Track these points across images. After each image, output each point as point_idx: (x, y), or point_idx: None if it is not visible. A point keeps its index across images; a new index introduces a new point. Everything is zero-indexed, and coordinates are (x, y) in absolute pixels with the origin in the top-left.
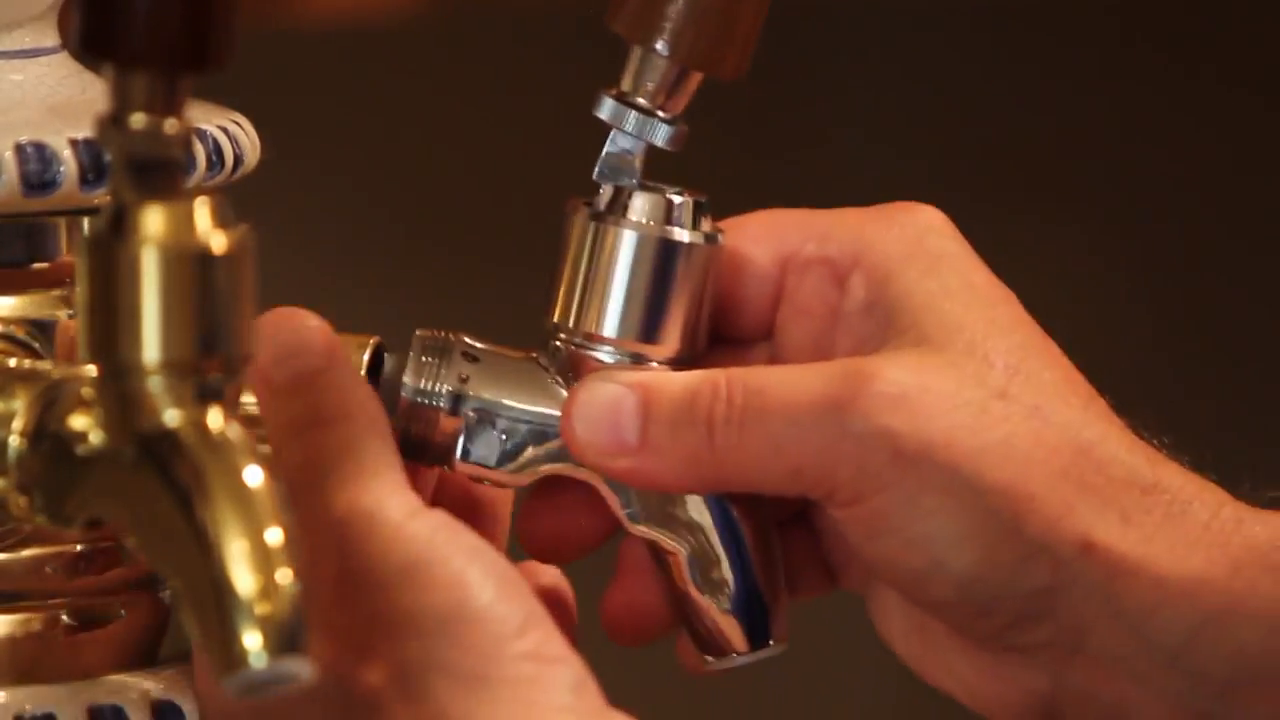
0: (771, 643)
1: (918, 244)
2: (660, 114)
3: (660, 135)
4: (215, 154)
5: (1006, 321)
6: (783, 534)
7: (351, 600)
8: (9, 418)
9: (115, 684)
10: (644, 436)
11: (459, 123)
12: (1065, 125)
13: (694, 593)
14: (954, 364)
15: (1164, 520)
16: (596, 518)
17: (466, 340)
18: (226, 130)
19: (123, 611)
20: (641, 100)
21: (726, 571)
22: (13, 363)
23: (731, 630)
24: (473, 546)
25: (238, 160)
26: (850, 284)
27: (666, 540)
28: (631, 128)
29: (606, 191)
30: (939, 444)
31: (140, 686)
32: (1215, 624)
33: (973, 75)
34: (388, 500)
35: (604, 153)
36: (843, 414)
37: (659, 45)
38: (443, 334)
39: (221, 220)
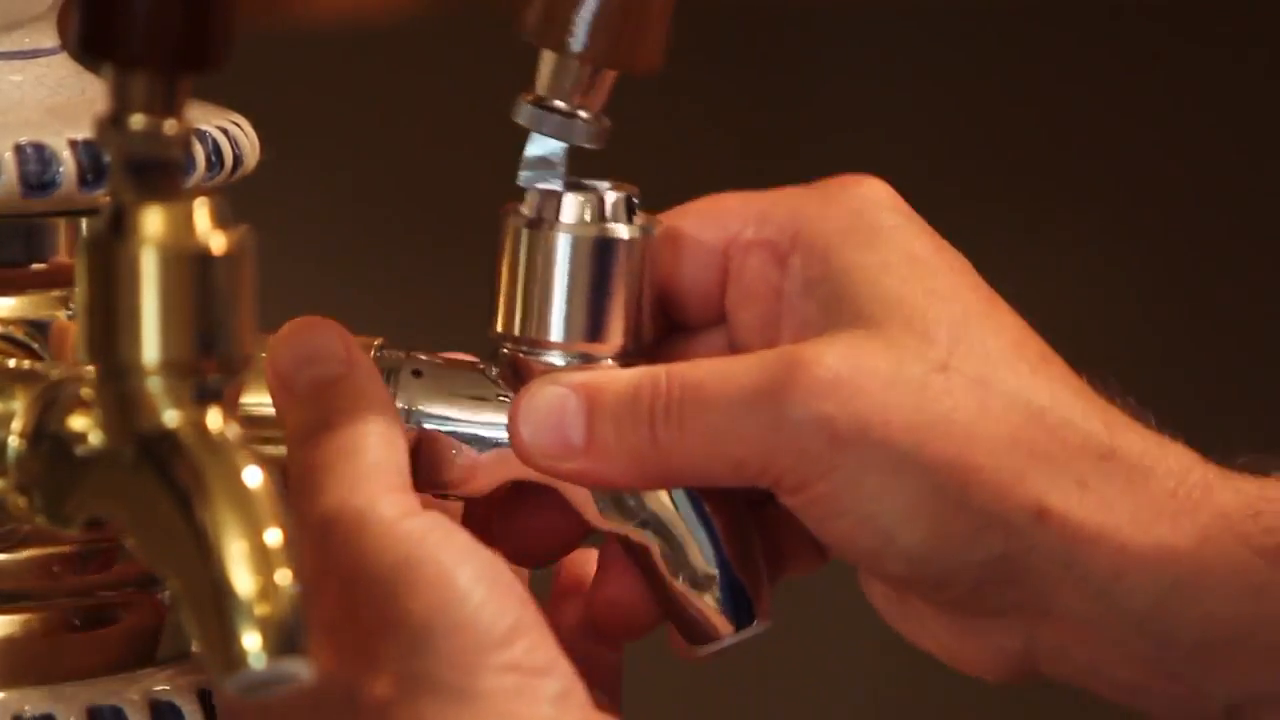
0: (755, 621)
1: (856, 218)
2: (581, 114)
3: (582, 135)
4: (214, 154)
5: (947, 291)
6: (767, 513)
7: (342, 601)
8: (8, 418)
9: (115, 684)
10: (589, 437)
11: (459, 123)
12: (1065, 124)
13: (671, 582)
14: (892, 341)
15: (1126, 487)
16: (568, 518)
17: (419, 357)
18: (226, 131)
19: (123, 611)
20: (559, 103)
21: (701, 557)
22: (12, 363)
23: (714, 614)
24: (465, 547)
25: (237, 161)
26: (790, 264)
27: (636, 534)
28: (552, 131)
29: (537, 196)
30: (876, 424)
31: (140, 686)
32: (1182, 590)
33: (973, 73)
34: (381, 499)
35: (525, 157)
36: (777, 403)
37: (570, 47)
38: (397, 354)
39: (221, 221)
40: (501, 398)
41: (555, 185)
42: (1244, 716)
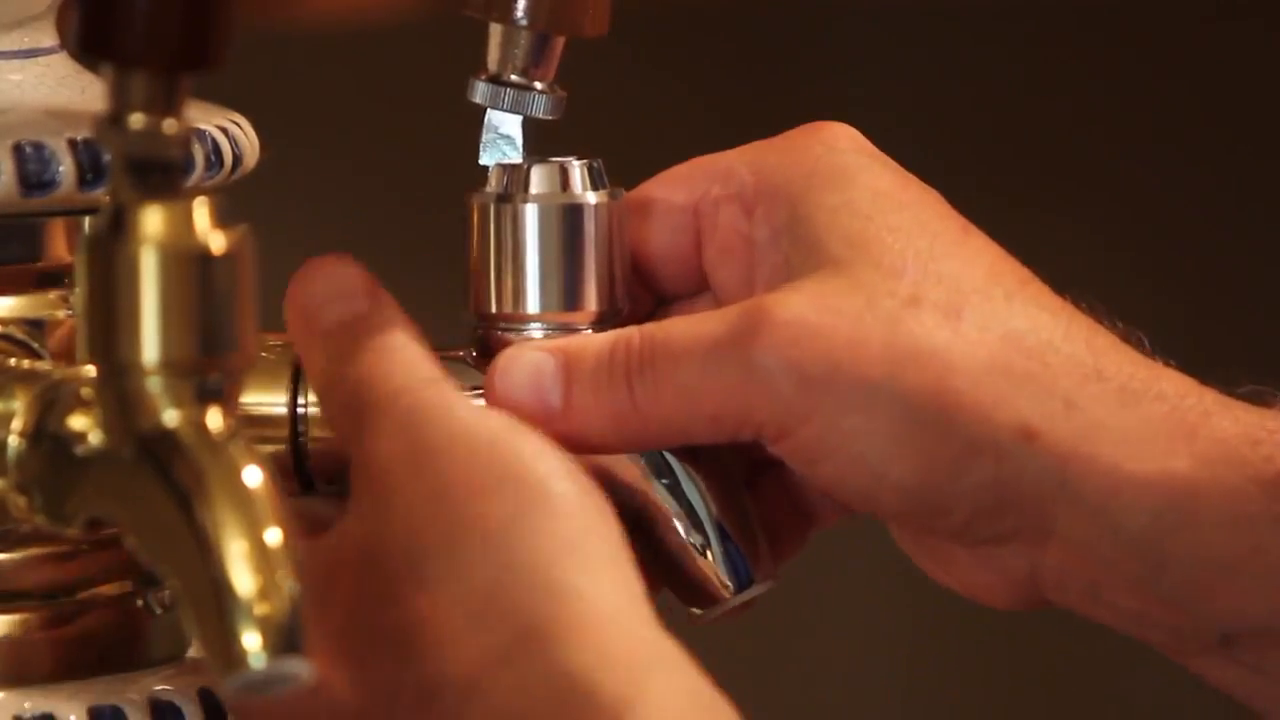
0: (755, 582)
1: (818, 162)
2: (536, 86)
3: (540, 106)
4: (214, 154)
5: (914, 224)
6: (787, 471)
7: (433, 472)
8: (8, 418)
9: (115, 684)
10: (567, 400)
11: (459, 123)
12: (1069, 119)
13: (667, 548)
14: (858, 280)
15: (1116, 408)
16: None
17: None
18: (225, 130)
19: (122, 611)
20: (514, 77)
21: (694, 520)
22: (12, 362)
23: (712, 577)
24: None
25: (236, 160)
26: (756, 215)
27: (628, 502)
28: (509, 105)
29: (501, 173)
30: (845, 362)
31: (140, 686)
32: (1178, 513)
33: (981, 68)
34: (457, 398)
35: (485, 137)
36: (745, 353)
37: (518, 17)
38: None
39: (220, 220)
40: (482, 379)
41: (517, 159)
42: (1239, 646)
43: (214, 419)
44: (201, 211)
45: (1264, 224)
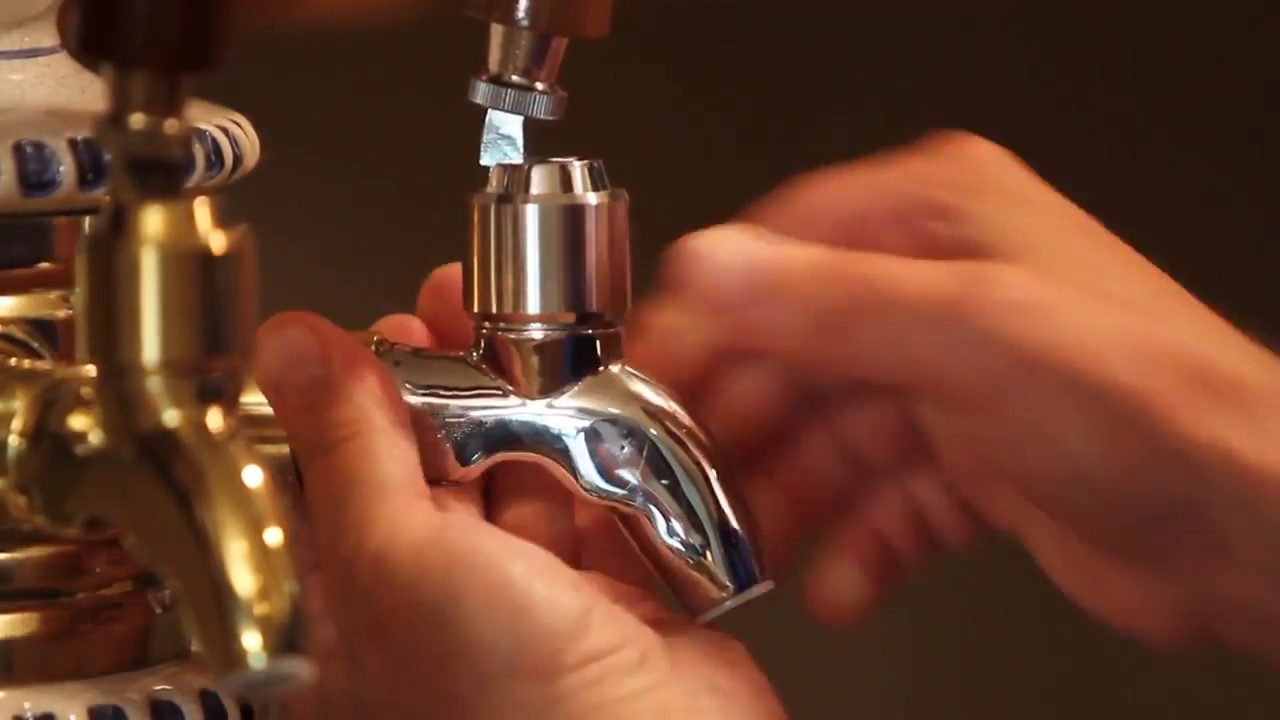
0: (756, 583)
1: (969, 172)
2: (538, 86)
3: (541, 107)
4: (214, 154)
5: (1074, 232)
6: (911, 481)
7: (393, 641)
8: (8, 417)
9: (115, 684)
10: (756, 304)
11: (460, 123)
12: (1073, 121)
13: (665, 549)
14: (1054, 272)
15: None
16: (559, 495)
17: (402, 349)
18: (226, 130)
19: (123, 611)
20: (515, 77)
21: (695, 520)
22: (12, 362)
23: (711, 577)
24: (501, 547)
25: (237, 160)
26: (918, 230)
27: (625, 504)
28: (510, 105)
29: (502, 174)
30: (1062, 347)
31: (140, 686)
32: None
33: (982, 68)
34: (400, 525)
35: (486, 137)
36: (963, 316)
37: (519, 18)
38: (383, 345)
39: (221, 220)
40: (482, 378)
41: (518, 160)
42: None
43: (214, 419)
44: (202, 211)
45: (1269, 224)
